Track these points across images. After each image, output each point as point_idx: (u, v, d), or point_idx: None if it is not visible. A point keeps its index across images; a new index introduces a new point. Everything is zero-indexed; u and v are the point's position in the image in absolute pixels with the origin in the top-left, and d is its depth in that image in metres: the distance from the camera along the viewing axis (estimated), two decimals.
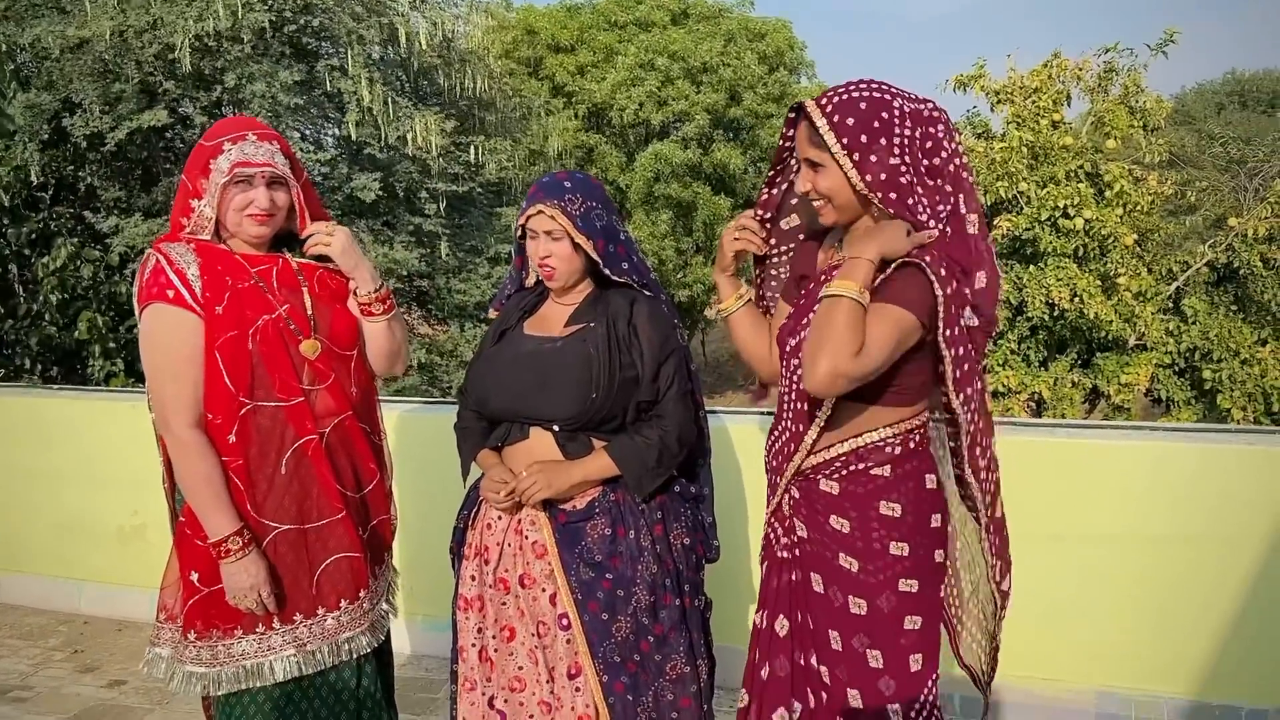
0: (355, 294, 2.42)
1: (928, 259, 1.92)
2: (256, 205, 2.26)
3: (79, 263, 9.54)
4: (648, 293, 2.36)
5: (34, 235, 9.52)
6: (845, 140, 1.92)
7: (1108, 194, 11.11)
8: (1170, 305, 12.02)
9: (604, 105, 17.75)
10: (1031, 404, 11.54)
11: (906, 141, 1.94)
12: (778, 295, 2.36)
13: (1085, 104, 12.08)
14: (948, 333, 1.93)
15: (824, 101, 1.97)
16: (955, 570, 2.30)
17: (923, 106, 1.98)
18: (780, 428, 2.19)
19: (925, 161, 1.96)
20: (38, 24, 8.50)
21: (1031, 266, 11.29)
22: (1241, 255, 11.49)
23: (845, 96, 1.95)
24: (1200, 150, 16.65)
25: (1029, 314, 11.16)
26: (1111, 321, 10.88)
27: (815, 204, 2.06)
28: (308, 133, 10.45)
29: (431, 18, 10.51)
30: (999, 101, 11.97)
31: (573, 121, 16.70)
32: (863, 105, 1.94)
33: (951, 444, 2.13)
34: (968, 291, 1.95)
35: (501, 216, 11.81)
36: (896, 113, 1.94)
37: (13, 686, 3.68)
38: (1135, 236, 11.28)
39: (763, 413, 3.63)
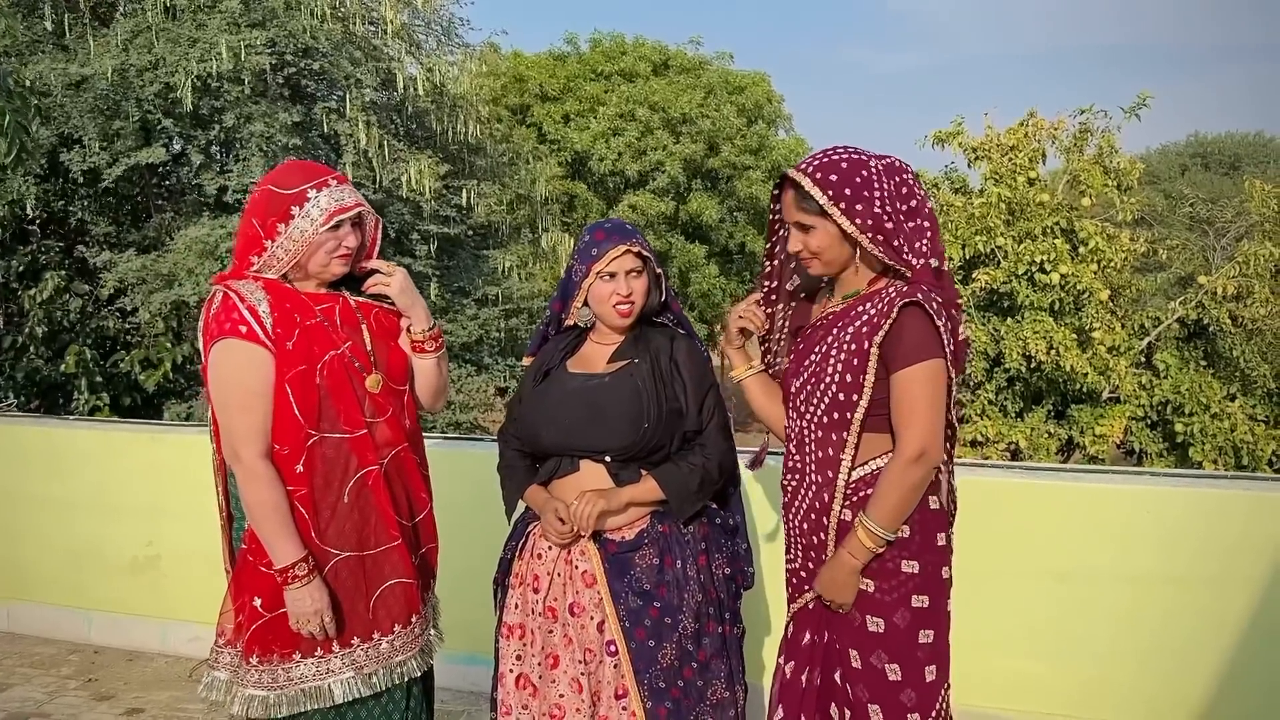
0: (409, 331, 2.53)
1: (919, 295, 2.12)
2: (346, 246, 2.37)
3: (67, 296, 9.53)
4: (682, 331, 2.50)
5: (22, 268, 9.51)
6: (831, 193, 2.15)
7: (1082, 250, 11.41)
8: (1143, 359, 12.32)
9: (585, 154, 18.02)
10: (1007, 453, 11.73)
11: (887, 194, 2.16)
12: (785, 358, 2.55)
13: (1060, 161, 12.44)
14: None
15: (806, 166, 2.21)
16: None
17: (892, 160, 2.21)
18: (798, 474, 2.34)
19: (904, 206, 2.18)
20: (39, 61, 8.57)
21: (1009, 319, 11.56)
22: (1211, 312, 11.83)
23: (825, 159, 2.19)
24: (1171, 209, 17.13)
25: (1006, 365, 11.40)
26: (1086, 374, 11.14)
27: (804, 259, 2.29)
28: None
29: (427, 64, 10.68)
30: (976, 158, 12.31)
31: (557, 169, 16.93)
32: (843, 165, 2.17)
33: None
34: (952, 326, 2.18)
35: (489, 259, 11.92)
36: (873, 170, 2.16)
37: (29, 714, 3.68)
38: (1109, 292, 11.58)
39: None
